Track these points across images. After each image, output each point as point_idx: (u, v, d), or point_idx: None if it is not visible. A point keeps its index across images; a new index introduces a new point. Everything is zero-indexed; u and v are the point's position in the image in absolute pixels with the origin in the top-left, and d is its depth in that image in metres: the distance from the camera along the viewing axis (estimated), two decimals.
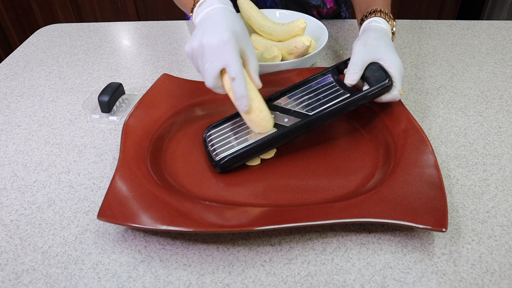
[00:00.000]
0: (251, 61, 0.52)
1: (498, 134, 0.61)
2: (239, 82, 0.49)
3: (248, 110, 0.51)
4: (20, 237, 0.48)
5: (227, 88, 0.51)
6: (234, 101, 0.51)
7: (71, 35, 0.95)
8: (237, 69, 0.49)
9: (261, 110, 0.52)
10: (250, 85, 0.52)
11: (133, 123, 0.58)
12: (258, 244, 0.47)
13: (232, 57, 0.49)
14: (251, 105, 0.51)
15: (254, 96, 0.52)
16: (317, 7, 0.94)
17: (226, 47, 0.49)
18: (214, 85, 0.51)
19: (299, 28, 0.72)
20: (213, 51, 0.49)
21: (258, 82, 0.53)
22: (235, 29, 0.50)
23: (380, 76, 0.55)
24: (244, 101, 0.50)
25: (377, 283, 0.42)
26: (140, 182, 0.50)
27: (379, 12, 0.64)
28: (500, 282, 0.42)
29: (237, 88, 0.50)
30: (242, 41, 0.51)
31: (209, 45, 0.49)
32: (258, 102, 0.52)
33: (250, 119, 0.53)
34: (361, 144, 0.58)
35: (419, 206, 0.45)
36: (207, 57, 0.50)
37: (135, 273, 0.44)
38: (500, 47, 0.84)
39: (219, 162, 0.53)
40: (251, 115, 0.52)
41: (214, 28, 0.50)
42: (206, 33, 0.50)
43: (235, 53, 0.49)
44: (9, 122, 0.67)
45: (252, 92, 0.52)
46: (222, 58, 0.49)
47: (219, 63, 0.49)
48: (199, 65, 0.52)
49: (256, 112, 0.52)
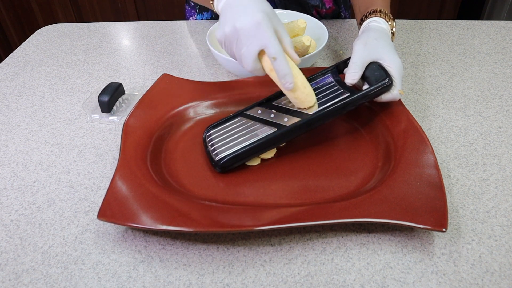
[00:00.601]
0: (285, 38, 0.51)
1: (498, 134, 0.61)
2: (281, 61, 0.49)
3: (294, 87, 0.51)
4: (20, 237, 0.48)
5: (267, 69, 0.51)
6: (278, 80, 0.51)
7: (71, 35, 0.95)
8: (277, 48, 0.49)
9: (305, 86, 0.52)
10: (290, 63, 0.52)
11: (133, 123, 0.58)
12: (258, 244, 0.47)
13: (269, 37, 0.48)
14: (296, 82, 0.51)
15: (297, 73, 0.52)
16: (316, 7, 0.94)
17: (262, 27, 0.48)
18: (254, 67, 0.51)
19: (299, 28, 0.72)
20: (249, 34, 0.48)
21: (296, 57, 0.53)
22: (266, 9, 0.50)
23: (380, 75, 0.55)
24: (289, 78, 0.50)
25: (377, 283, 0.42)
26: (140, 182, 0.50)
27: (378, 12, 0.64)
28: (500, 282, 0.42)
29: (280, 67, 0.49)
30: (274, 20, 0.50)
31: (243, 28, 0.49)
32: (301, 79, 0.52)
33: (296, 96, 0.52)
34: (361, 144, 0.58)
35: (419, 206, 0.45)
36: (243, 40, 0.49)
37: (135, 273, 0.44)
38: (500, 47, 0.84)
39: (219, 162, 0.53)
40: (297, 92, 0.52)
41: (245, 10, 0.49)
42: (238, 17, 0.49)
43: (272, 32, 0.49)
44: (9, 122, 0.67)
45: (294, 69, 0.52)
46: (259, 39, 0.48)
47: (257, 45, 0.49)
48: (234, 51, 0.51)
49: (301, 89, 0.52)
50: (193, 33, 0.93)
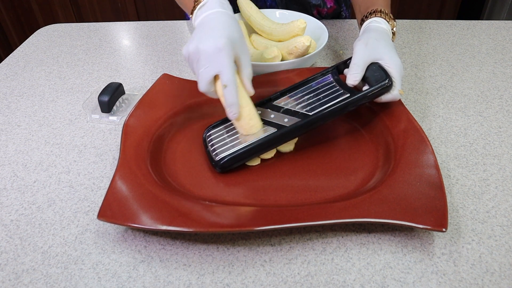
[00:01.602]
0: (245, 68, 0.53)
1: (498, 134, 0.61)
2: (231, 90, 0.50)
3: (238, 117, 0.53)
4: (20, 237, 0.48)
5: (219, 93, 0.52)
6: (225, 108, 0.52)
7: (71, 35, 0.95)
8: (229, 77, 0.50)
9: (251, 117, 0.53)
10: (242, 92, 0.53)
11: (133, 123, 0.58)
12: (258, 244, 0.47)
13: (225, 64, 0.49)
14: (241, 112, 0.53)
15: (245, 104, 0.53)
16: (317, 7, 0.94)
17: (221, 54, 0.49)
18: (207, 89, 0.52)
19: (299, 28, 0.72)
20: (208, 57, 0.50)
21: (251, 89, 0.54)
22: (232, 36, 0.51)
23: (380, 76, 0.55)
24: (234, 108, 0.51)
25: (377, 283, 0.42)
26: (140, 182, 0.50)
27: (379, 12, 0.64)
28: (500, 282, 0.42)
29: (228, 96, 0.51)
30: (237, 47, 0.51)
31: (204, 50, 0.50)
32: (248, 110, 0.53)
33: (240, 125, 0.54)
34: (361, 144, 0.58)
35: (419, 206, 0.45)
36: (202, 62, 0.50)
37: (135, 273, 0.44)
38: (500, 47, 0.84)
39: (219, 162, 0.53)
40: (241, 121, 0.53)
41: (212, 33, 0.51)
42: (203, 38, 0.50)
43: (229, 60, 0.50)
44: (9, 122, 0.67)
45: (243, 99, 0.53)
46: (216, 64, 0.50)
47: (212, 70, 0.50)
48: (194, 69, 0.53)
49: (246, 120, 0.53)
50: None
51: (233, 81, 0.50)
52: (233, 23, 0.53)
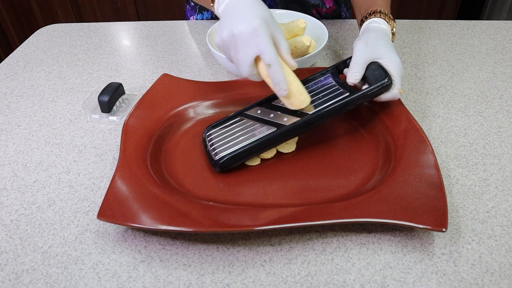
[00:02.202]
0: (282, 45, 0.52)
1: (498, 134, 0.61)
2: (276, 68, 0.49)
3: (288, 94, 0.51)
4: (20, 237, 0.48)
5: (263, 74, 0.51)
6: (273, 86, 0.51)
7: (71, 35, 0.95)
8: (273, 55, 0.49)
9: (300, 92, 0.52)
10: (286, 68, 0.52)
11: (133, 123, 0.58)
12: (258, 244, 0.47)
13: (266, 43, 0.49)
14: (290, 89, 0.51)
15: (292, 80, 0.52)
16: (316, 7, 0.94)
17: (259, 34, 0.48)
18: (250, 73, 0.51)
19: (299, 28, 0.72)
20: (245, 40, 0.49)
21: (293, 63, 0.53)
22: (264, 15, 0.50)
23: (379, 75, 0.55)
24: (283, 85, 0.50)
25: (377, 283, 0.42)
26: (140, 182, 0.50)
27: (378, 13, 0.64)
28: (500, 282, 0.42)
29: (274, 74, 0.50)
30: (271, 26, 0.50)
31: (241, 33, 0.49)
32: (297, 85, 0.52)
33: (291, 103, 0.53)
34: (361, 144, 0.58)
35: (419, 206, 0.45)
36: (240, 46, 0.49)
37: (135, 273, 0.44)
38: (500, 47, 0.84)
39: (219, 161, 0.53)
40: (292, 98, 0.52)
41: (243, 16, 0.50)
42: (236, 22, 0.50)
43: (268, 39, 0.49)
44: (9, 122, 0.67)
45: (289, 75, 0.52)
46: (255, 45, 0.49)
47: (253, 51, 0.49)
48: (231, 56, 0.52)
49: (296, 95, 0.52)
50: (193, 33, 0.93)
51: (276, 58, 0.49)
52: (261, 3, 0.52)
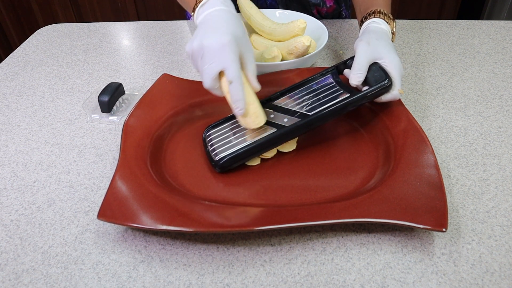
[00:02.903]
0: (249, 64, 0.52)
1: (498, 134, 0.61)
2: (236, 85, 0.50)
3: (244, 113, 0.52)
4: (20, 237, 0.48)
5: (224, 90, 0.52)
6: (231, 104, 0.52)
7: (71, 35, 0.95)
8: (235, 73, 0.49)
9: (257, 115, 0.53)
10: (248, 89, 0.52)
11: (133, 123, 0.58)
12: (258, 244, 0.47)
13: (231, 60, 0.49)
14: (248, 109, 0.52)
15: (251, 101, 0.52)
16: (317, 6, 0.94)
17: (226, 50, 0.49)
18: (211, 86, 0.51)
19: (299, 28, 0.72)
20: (212, 53, 0.49)
21: (256, 84, 0.53)
22: (236, 33, 0.51)
23: (379, 76, 0.55)
24: (240, 104, 0.51)
25: (377, 283, 0.42)
26: (140, 182, 0.50)
27: (378, 13, 0.64)
28: (500, 282, 0.42)
29: (234, 91, 0.50)
30: (241, 44, 0.51)
31: (209, 46, 0.50)
32: (254, 107, 0.52)
33: (246, 123, 0.53)
34: (361, 144, 0.58)
35: (419, 206, 0.45)
36: (207, 58, 0.50)
37: (135, 273, 0.44)
38: (500, 47, 0.84)
39: (219, 162, 0.53)
40: (247, 119, 0.53)
41: (215, 30, 0.50)
42: (207, 35, 0.50)
43: (234, 56, 0.49)
44: (9, 122, 0.67)
45: (249, 96, 0.52)
46: (221, 60, 0.49)
47: (217, 66, 0.50)
48: (198, 66, 0.52)
49: (252, 117, 0.52)
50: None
51: (239, 76, 0.50)
52: (236, 21, 0.53)
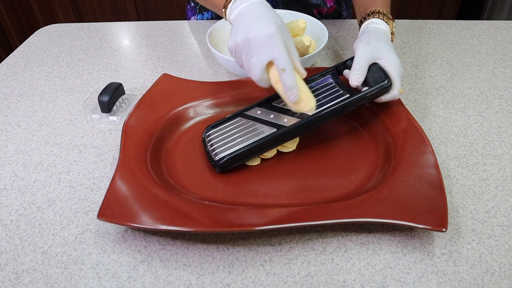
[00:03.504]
0: (294, 53, 0.53)
1: (498, 134, 0.61)
2: (289, 73, 0.50)
3: (298, 100, 0.52)
4: (20, 237, 0.48)
5: (274, 80, 0.52)
6: (284, 92, 0.52)
7: (71, 35, 0.95)
8: (287, 60, 0.50)
9: (309, 99, 0.53)
10: (297, 76, 0.53)
11: (133, 123, 0.58)
12: (258, 244, 0.47)
13: (280, 49, 0.50)
14: (300, 95, 0.52)
15: (302, 86, 0.53)
16: (317, 6, 0.94)
17: (274, 39, 0.49)
18: (261, 77, 0.52)
19: (299, 28, 0.72)
20: (260, 44, 0.50)
21: (303, 71, 0.54)
22: (278, 22, 0.51)
23: (379, 76, 0.55)
24: (295, 91, 0.51)
25: (377, 283, 0.42)
26: (140, 182, 0.50)
27: (377, 13, 0.64)
28: (500, 282, 0.42)
29: (288, 79, 0.50)
30: (285, 33, 0.51)
31: (256, 38, 0.50)
32: (306, 92, 0.53)
33: (300, 108, 0.53)
34: (361, 144, 0.58)
35: (419, 206, 0.45)
36: (255, 50, 0.50)
37: (135, 273, 0.44)
38: (500, 47, 0.84)
39: (218, 162, 0.53)
40: (301, 104, 0.53)
41: (258, 21, 0.51)
42: (251, 27, 0.50)
43: (283, 45, 0.50)
44: (9, 122, 0.67)
45: (299, 82, 0.53)
46: (270, 50, 0.50)
47: (268, 56, 0.50)
48: (243, 60, 0.52)
49: (304, 101, 0.53)
50: (193, 33, 0.93)
51: (290, 63, 0.50)
52: (273, 11, 0.53)
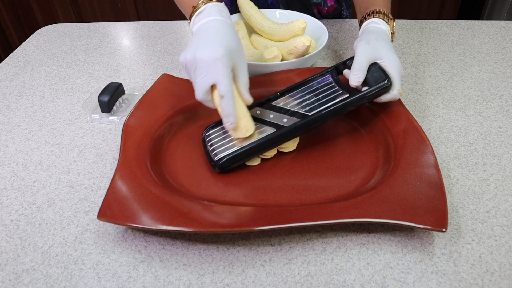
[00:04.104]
0: (242, 78, 0.52)
1: (498, 134, 0.61)
2: (228, 100, 0.50)
3: (235, 127, 0.52)
4: (20, 237, 0.48)
5: (216, 103, 0.52)
6: (222, 118, 0.52)
7: (71, 35, 0.95)
8: (227, 87, 0.49)
9: (248, 129, 0.53)
10: (239, 102, 0.52)
11: (133, 123, 0.58)
12: (258, 244, 0.47)
13: (222, 74, 0.49)
14: (239, 124, 0.52)
15: (242, 115, 0.52)
16: (318, 5, 0.94)
17: (218, 64, 0.49)
18: (203, 98, 0.51)
19: (299, 28, 0.72)
20: (205, 66, 0.49)
21: (248, 98, 0.54)
22: (230, 46, 0.50)
23: (379, 76, 0.55)
24: (231, 118, 0.51)
25: (377, 283, 0.42)
26: (140, 182, 0.50)
27: (377, 13, 0.64)
28: (500, 282, 0.42)
29: (225, 106, 0.50)
30: (235, 57, 0.51)
31: (202, 59, 0.49)
32: (245, 121, 0.53)
33: (235, 135, 0.53)
34: (361, 144, 0.58)
35: (419, 206, 0.45)
36: (199, 71, 0.50)
37: (135, 273, 0.44)
38: (500, 47, 0.84)
39: (218, 162, 0.53)
40: (237, 132, 0.53)
41: (209, 42, 0.50)
42: (200, 47, 0.50)
43: (227, 70, 0.49)
44: (9, 122, 0.67)
45: (241, 109, 0.52)
46: (213, 74, 0.49)
47: (209, 79, 0.50)
48: (191, 77, 0.52)
49: (242, 131, 0.53)
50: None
51: (230, 91, 0.50)
52: (231, 32, 0.53)
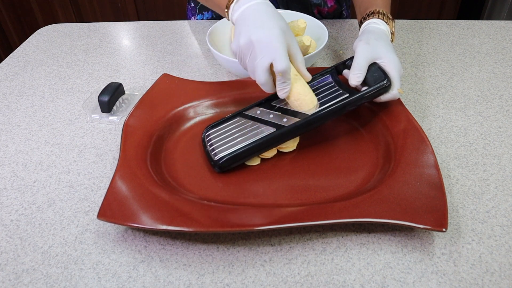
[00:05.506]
0: (298, 57, 0.53)
1: (498, 134, 0.61)
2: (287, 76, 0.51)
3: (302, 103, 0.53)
4: (20, 237, 0.48)
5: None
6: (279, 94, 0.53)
7: (71, 35, 0.95)
8: (287, 64, 0.50)
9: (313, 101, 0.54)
10: (301, 80, 0.53)
11: (133, 123, 0.58)
12: (258, 244, 0.47)
13: (280, 53, 0.50)
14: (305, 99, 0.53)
15: (307, 91, 0.53)
16: (318, 6, 0.94)
17: (276, 44, 0.50)
18: (265, 80, 0.52)
19: (299, 28, 0.72)
20: (263, 47, 0.50)
21: (307, 74, 0.55)
22: (282, 26, 0.51)
23: (378, 76, 0.55)
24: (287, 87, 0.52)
25: (377, 283, 0.42)
26: (140, 182, 0.50)
27: (377, 13, 0.64)
28: (500, 282, 0.42)
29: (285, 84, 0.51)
30: (288, 37, 0.51)
31: (259, 41, 0.50)
32: (311, 97, 0.54)
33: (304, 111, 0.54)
34: (361, 144, 0.58)
35: (419, 206, 0.45)
36: (257, 53, 0.50)
37: (135, 273, 0.44)
38: (500, 47, 0.84)
39: (218, 161, 0.53)
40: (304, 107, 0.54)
41: (261, 24, 0.50)
42: (253, 31, 0.50)
43: (284, 49, 0.50)
44: (9, 122, 0.67)
45: (304, 87, 0.53)
46: (272, 54, 0.50)
47: (268, 58, 0.50)
48: (246, 62, 0.52)
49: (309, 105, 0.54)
50: (193, 33, 0.93)
51: (289, 67, 0.50)
52: (277, 13, 0.53)
